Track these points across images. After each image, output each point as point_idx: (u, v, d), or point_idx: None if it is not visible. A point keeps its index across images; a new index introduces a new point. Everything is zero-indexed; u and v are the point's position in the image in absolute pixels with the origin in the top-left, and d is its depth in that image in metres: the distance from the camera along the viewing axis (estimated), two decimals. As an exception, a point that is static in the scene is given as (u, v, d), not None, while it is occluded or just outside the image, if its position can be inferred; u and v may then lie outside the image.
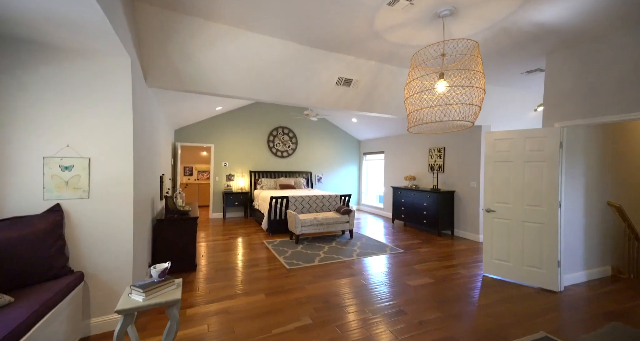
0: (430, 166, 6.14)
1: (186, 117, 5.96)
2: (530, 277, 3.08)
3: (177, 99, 4.06)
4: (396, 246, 4.66)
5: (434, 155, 6.07)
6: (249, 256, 4.12)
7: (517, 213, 3.18)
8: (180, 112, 5.19)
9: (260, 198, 6.30)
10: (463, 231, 5.30)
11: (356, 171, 8.86)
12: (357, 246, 4.70)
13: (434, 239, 5.14)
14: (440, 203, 5.35)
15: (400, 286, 3.09)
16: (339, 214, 5.26)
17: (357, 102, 4.00)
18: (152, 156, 3.35)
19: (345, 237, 5.29)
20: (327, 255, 4.17)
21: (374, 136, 8.05)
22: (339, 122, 8.15)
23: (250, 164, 7.46)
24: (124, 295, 1.61)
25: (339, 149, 8.59)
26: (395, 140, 7.36)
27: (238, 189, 7.23)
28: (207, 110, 5.97)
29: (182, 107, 4.79)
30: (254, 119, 7.45)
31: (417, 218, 5.88)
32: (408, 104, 2.57)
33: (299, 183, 7.52)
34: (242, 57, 3.03)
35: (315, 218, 4.94)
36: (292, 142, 7.89)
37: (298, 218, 4.80)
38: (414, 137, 6.68)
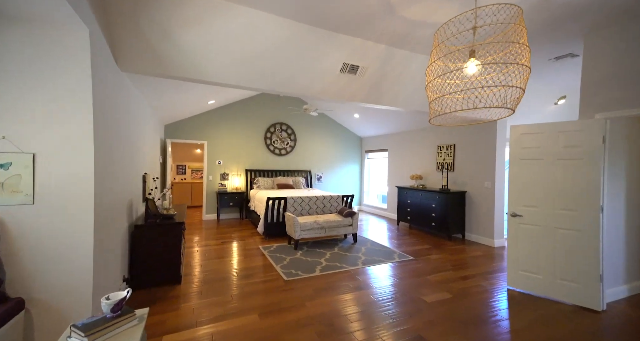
0: (439, 165, 5.73)
1: (176, 112, 5.51)
2: (565, 292, 2.68)
3: (161, 88, 3.62)
4: (404, 253, 4.25)
5: (442, 153, 5.66)
6: (242, 264, 3.70)
7: (548, 218, 2.78)
8: (169, 105, 4.75)
9: (257, 198, 5.88)
10: (476, 235, 4.90)
11: (358, 169, 8.45)
12: (362, 252, 4.29)
13: (444, 244, 4.73)
14: (450, 204, 4.94)
15: (414, 302, 2.68)
16: (342, 216, 4.85)
17: (363, 93, 3.58)
18: (130, 152, 2.92)
19: (349, 241, 4.88)
20: (329, 263, 3.76)
21: (376, 133, 7.63)
22: (340, 118, 7.73)
23: (246, 163, 7.03)
24: (61, 338, 1.19)
25: (340, 147, 8.17)
26: (399, 137, 6.95)
27: (233, 189, 6.81)
28: (199, 104, 5.53)
29: (170, 99, 4.35)
30: (250, 115, 7.02)
31: (425, 220, 5.47)
32: (429, 90, 2.15)
33: (297, 182, 7.10)
34: (232, 37, 2.59)
35: (315, 221, 4.53)
36: (291, 140, 7.46)
37: (297, 222, 4.38)
38: (421, 133, 6.27)
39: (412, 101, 3.91)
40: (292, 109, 7.17)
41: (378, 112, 6.28)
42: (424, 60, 3.40)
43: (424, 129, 6.17)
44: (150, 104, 4.18)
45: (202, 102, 5.43)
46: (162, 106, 4.54)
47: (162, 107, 4.69)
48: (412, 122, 6.12)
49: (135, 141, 3.26)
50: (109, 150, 2.17)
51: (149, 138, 4.22)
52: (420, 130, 6.29)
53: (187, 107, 5.44)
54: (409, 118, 5.96)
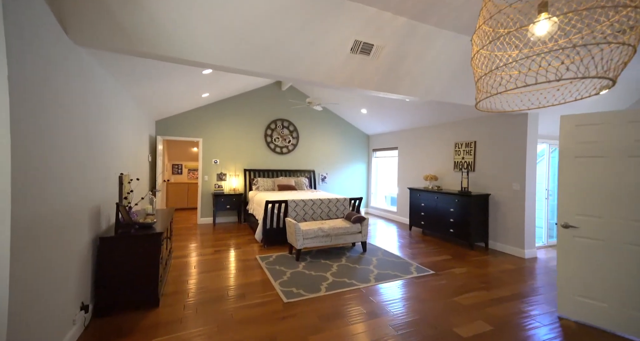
0: (457, 164, 5.16)
1: (167, 106, 5.01)
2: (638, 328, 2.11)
3: (141, 74, 3.10)
4: (422, 265, 3.70)
5: (461, 151, 5.09)
6: (236, 280, 3.17)
7: (614, 230, 2.21)
8: (157, 97, 4.23)
9: (255, 201, 5.36)
10: (502, 244, 4.32)
11: (364, 169, 7.90)
12: (373, 264, 3.74)
13: (466, 255, 4.17)
14: (472, 208, 4.37)
15: (446, 337, 2.14)
16: (350, 222, 4.30)
17: (377, 79, 3.03)
18: (98, 149, 2.40)
19: (357, 251, 4.33)
20: (336, 279, 3.22)
21: (385, 129, 7.07)
22: (345, 114, 7.18)
23: (245, 162, 6.51)
24: None
25: (346, 145, 7.62)
26: (411, 134, 6.38)
27: (230, 191, 6.29)
28: (192, 97, 5.01)
29: (155, 89, 3.83)
30: (249, 110, 6.50)
31: (442, 226, 4.91)
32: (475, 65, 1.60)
33: (300, 183, 6.57)
34: (217, 2, 2.06)
35: (320, 228, 3.99)
36: (293, 137, 6.93)
37: (299, 228, 3.85)
38: (436, 130, 5.70)
39: (434, 89, 3.35)
40: (294, 103, 6.63)
41: (388, 106, 5.73)
42: (451, 38, 2.84)
43: (439, 125, 5.60)
44: (132, 95, 3.67)
45: (195, 95, 4.91)
46: (147, 97, 4.03)
47: (149, 100, 4.18)
48: (426, 118, 5.55)
49: (108, 137, 2.75)
50: (49, 145, 1.65)
51: (131, 134, 3.71)
52: (435, 126, 5.72)
53: (179, 101, 4.93)
54: (423, 113, 5.39)
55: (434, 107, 4.99)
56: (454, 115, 5.01)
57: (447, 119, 5.27)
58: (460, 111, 4.77)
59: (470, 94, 3.52)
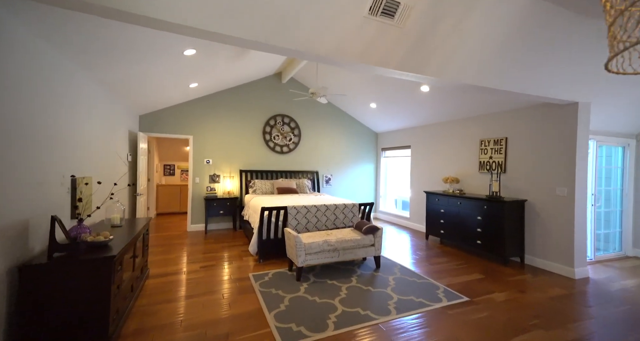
0: (483, 165, 4.47)
1: (150, 96, 4.38)
2: None
3: (98, 48, 2.45)
4: (451, 288, 3.01)
5: (488, 149, 4.40)
6: (221, 310, 2.51)
7: None
8: (133, 84, 3.60)
9: (251, 206, 4.71)
10: (542, 260, 3.62)
11: (372, 170, 7.22)
12: (391, 285, 3.06)
13: (500, 272, 3.48)
14: (505, 216, 3.68)
15: None
16: (360, 233, 3.63)
17: (401, 53, 2.36)
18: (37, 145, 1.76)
19: (369, 266, 3.66)
20: (347, 308, 2.55)
21: (397, 126, 6.39)
22: (352, 109, 6.51)
23: (241, 162, 5.86)
24: None
25: (352, 144, 6.95)
26: (427, 131, 5.69)
27: (224, 194, 5.65)
28: (178, 87, 4.37)
29: (128, 73, 3.19)
30: (246, 105, 5.85)
31: (466, 237, 4.22)
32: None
33: (302, 185, 5.91)
34: None
35: (326, 241, 3.32)
36: (294, 135, 6.27)
37: (300, 242, 3.18)
38: (457, 125, 5.01)
39: (468, 70, 2.67)
40: (296, 94, 5.94)
41: (400, 100, 5.05)
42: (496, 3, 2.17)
43: (461, 120, 4.91)
44: (98, 81, 3.03)
45: (181, 84, 4.27)
46: (121, 84, 3.39)
47: (124, 88, 3.54)
48: (445, 112, 4.87)
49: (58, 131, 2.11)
50: None
51: (98, 128, 3.07)
52: (455, 121, 5.03)
53: (163, 91, 4.29)
54: (442, 106, 4.71)
55: (456, 99, 4.31)
56: (480, 108, 4.32)
57: (472, 113, 4.58)
58: (488, 103, 4.09)
59: (515, 78, 2.84)
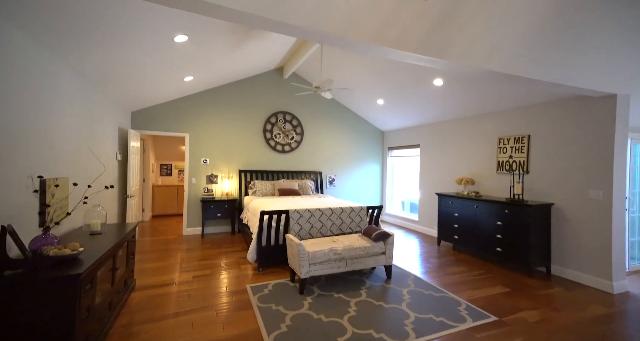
0: (502, 165, 4.11)
1: (140, 90, 4.06)
2: None
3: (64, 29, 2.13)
4: (475, 304, 2.66)
5: (507, 147, 4.04)
6: (212, 331, 2.18)
7: None
8: (118, 75, 3.28)
9: (250, 208, 4.38)
10: (573, 271, 3.26)
11: (378, 170, 6.87)
12: (405, 300, 2.72)
13: (526, 285, 3.12)
14: (530, 222, 3.32)
15: None
16: (369, 240, 3.29)
17: (420, 33, 2.02)
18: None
19: (379, 276, 3.31)
20: (357, 330, 2.21)
21: (405, 124, 6.04)
22: (357, 105, 6.16)
23: (240, 162, 5.54)
24: None
25: (357, 143, 6.60)
26: (438, 128, 5.34)
27: (222, 195, 5.32)
28: (171, 80, 4.05)
29: (110, 61, 2.87)
30: (246, 101, 5.53)
31: (484, 243, 3.86)
32: None
33: (305, 186, 5.57)
34: None
35: (332, 250, 2.98)
36: (297, 133, 5.94)
37: (304, 250, 2.85)
38: (472, 122, 4.66)
39: (494, 56, 2.32)
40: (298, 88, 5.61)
41: (410, 95, 4.70)
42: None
43: (477, 117, 4.56)
44: (75, 69, 2.71)
45: (175, 77, 3.95)
46: (104, 75, 3.08)
47: (109, 80, 3.22)
48: (459, 108, 4.51)
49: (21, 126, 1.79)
50: None
51: (76, 123, 2.75)
52: (470, 118, 4.68)
53: (155, 84, 3.97)
54: (455, 102, 4.36)
55: (473, 93, 3.96)
56: (499, 103, 3.96)
57: (489, 109, 4.23)
58: (508, 97, 3.73)
59: (548, 66, 2.49)
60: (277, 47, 4.35)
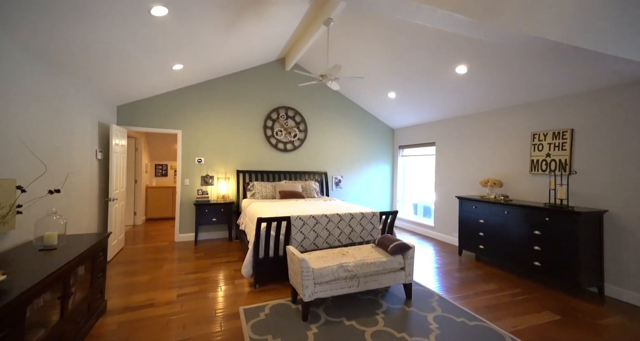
0: (537, 164, 3.56)
1: (126, 82, 3.60)
2: None
3: None
4: (520, 336, 2.12)
5: (544, 144, 3.49)
6: (188, 378, 1.68)
7: None
8: (92, 56, 2.82)
9: (248, 213, 3.89)
10: (634, 293, 2.69)
11: (388, 171, 6.34)
12: (433, 331, 2.19)
13: (580, 310, 2.57)
14: (579, 232, 2.77)
15: None
16: (385, 253, 2.76)
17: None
18: None
19: (397, 296, 2.79)
20: (378, 380, 1.69)
21: (419, 120, 5.50)
22: (366, 100, 5.64)
23: (238, 161, 5.06)
24: None
25: (366, 141, 6.08)
26: (457, 124, 4.79)
27: (218, 198, 4.85)
28: (156, 67, 3.58)
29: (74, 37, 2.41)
30: (244, 95, 5.05)
31: (518, 255, 3.32)
32: None
33: (309, 188, 5.07)
34: None
35: (341, 266, 2.47)
36: (300, 130, 5.44)
37: (308, 268, 2.34)
38: (499, 115, 4.11)
39: (554, 23, 1.79)
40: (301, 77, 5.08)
41: (427, 86, 4.17)
42: None
43: (505, 109, 4.01)
44: (30, 50, 2.24)
45: (159, 63, 3.47)
46: (66, 54, 2.61)
47: (75, 61, 2.76)
48: (485, 99, 3.97)
49: None
50: None
51: (32, 115, 2.28)
52: (498, 111, 4.13)
53: (141, 73, 3.51)
54: (481, 92, 3.82)
55: (503, 82, 3.42)
56: (534, 92, 3.42)
57: (522, 100, 3.68)
58: (547, 85, 3.19)
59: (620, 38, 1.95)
60: (278, 31, 3.85)
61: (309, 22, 3.75)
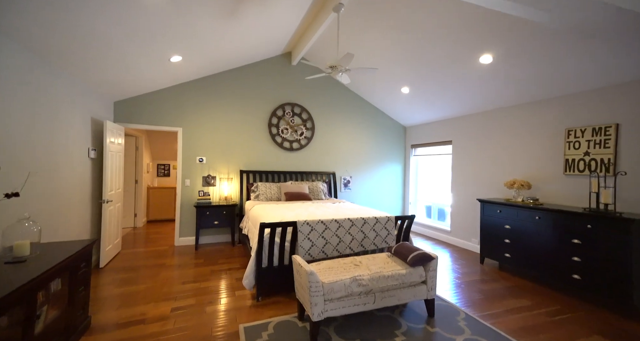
0: (573, 164, 3.17)
1: (122, 76, 3.36)
2: None
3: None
4: (573, 370, 1.77)
5: (581, 141, 3.10)
6: None
7: None
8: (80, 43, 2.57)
9: (251, 217, 3.61)
10: (697, 313, 2.31)
11: (400, 171, 5.99)
12: (466, 361, 1.85)
13: (630, 333, 2.20)
14: (630, 243, 2.39)
15: None
16: (404, 263, 2.43)
17: None
18: None
19: (417, 314, 2.45)
20: None
21: (433, 117, 5.14)
22: (376, 96, 5.31)
23: (241, 161, 4.78)
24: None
25: (376, 140, 5.75)
26: (478, 121, 4.42)
27: (221, 200, 4.59)
28: (154, 59, 3.33)
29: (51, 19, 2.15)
30: (248, 91, 4.77)
31: (552, 266, 2.95)
32: None
33: (316, 190, 4.76)
34: None
35: (356, 280, 2.15)
36: (307, 128, 5.14)
37: (317, 282, 2.03)
38: (525, 111, 3.73)
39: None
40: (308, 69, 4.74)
41: (443, 80, 3.82)
42: None
43: (535, 103, 3.63)
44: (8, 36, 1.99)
45: (157, 56, 3.21)
46: (51, 45, 2.36)
47: (64, 53, 2.51)
48: (511, 92, 3.60)
49: None
50: None
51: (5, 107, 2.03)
52: (525, 105, 3.75)
53: (136, 66, 3.26)
54: (507, 84, 3.45)
55: (534, 71, 3.06)
56: (571, 83, 3.04)
57: (555, 92, 3.30)
58: (587, 74, 2.81)
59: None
60: (283, 20, 3.56)
61: (317, 9, 3.45)
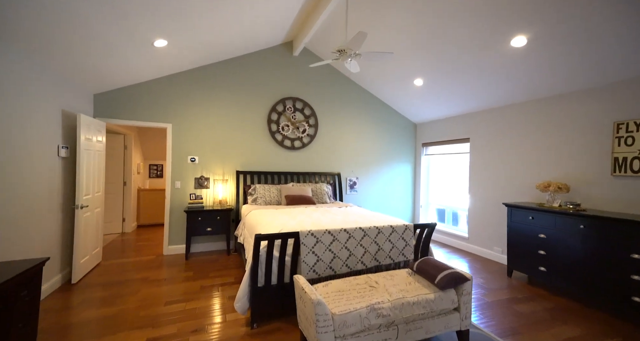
0: (624, 163, 2.70)
1: (101, 62, 2.92)
2: None
3: None
4: None
5: (634, 137, 2.63)
6: None
7: None
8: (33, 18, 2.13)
9: (247, 224, 3.16)
10: None
11: (409, 172, 5.52)
12: None
13: None
14: None
15: None
16: (431, 285, 1.97)
17: None
18: None
19: (450, 349, 1.99)
20: None
21: (448, 113, 4.68)
22: (385, 91, 4.85)
23: (238, 161, 4.34)
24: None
25: (384, 138, 5.29)
26: (501, 115, 3.96)
27: (215, 204, 4.14)
28: (137, 43, 2.89)
29: None
30: (245, 84, 4.33)
31: (605, 286, 2.47)
32: None
33: (320, 192, 4.31)
34: None
35: (373, 309, 1.69)
36: (309, 125, 4.69)
37: (326, 315, 1.57)
38: (559, 104, 3.26)
39: None
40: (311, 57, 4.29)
41: (463, 69, 3.36)
42: None
43: (573, 94, 3.16)
44: None
45: (135, 36, 2.77)
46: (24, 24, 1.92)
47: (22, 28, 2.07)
48: (545, 82, 3.13)
49: None
50: None
51: None
52: (560, 97, 3.29)
53: (117, 50, 2.82)
54: (542, 73, 2.98)
55: (576, 56, 2.59)
56: (623, 68, 2.57)
57: (601, 80, 2.83)
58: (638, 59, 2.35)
59: None
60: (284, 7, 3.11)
61: (323, -15, 3.01)
